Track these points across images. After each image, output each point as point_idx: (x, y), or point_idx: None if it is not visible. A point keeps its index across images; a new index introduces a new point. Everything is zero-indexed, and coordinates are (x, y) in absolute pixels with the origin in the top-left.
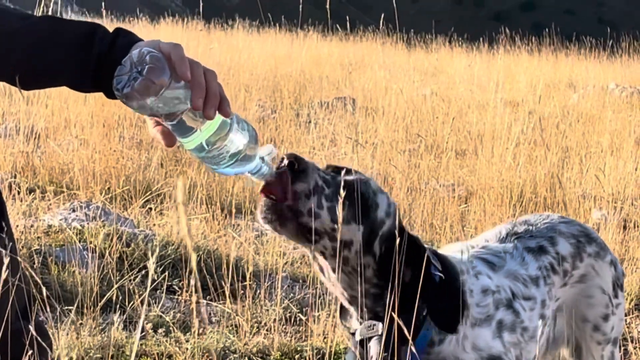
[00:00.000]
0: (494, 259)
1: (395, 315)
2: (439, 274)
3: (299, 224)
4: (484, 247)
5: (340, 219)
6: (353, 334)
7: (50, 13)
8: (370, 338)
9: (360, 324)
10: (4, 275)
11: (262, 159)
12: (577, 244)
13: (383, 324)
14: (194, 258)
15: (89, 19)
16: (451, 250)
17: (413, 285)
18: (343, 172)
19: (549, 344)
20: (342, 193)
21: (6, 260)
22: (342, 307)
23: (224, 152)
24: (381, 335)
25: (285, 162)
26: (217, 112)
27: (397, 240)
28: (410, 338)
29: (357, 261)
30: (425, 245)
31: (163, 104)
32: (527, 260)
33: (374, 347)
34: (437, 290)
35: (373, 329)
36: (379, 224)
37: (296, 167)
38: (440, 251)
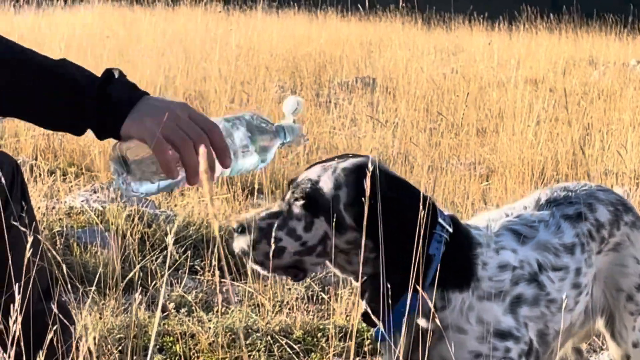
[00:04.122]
0: (525, 229)
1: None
2: (445, 235)
3: (278, 268)
4: (518, 216)
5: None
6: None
7: None
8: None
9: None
10: (28, 254)
11: (282, 134)
12: (615, 211)
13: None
14: (216, 227)
15: (112, 4)
16: (485, 218)
17: (399, 241)
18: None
19: (588, 313)
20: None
21: (30, 239)
22: None
23: (243, 170)
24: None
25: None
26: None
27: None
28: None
29: (342, 244)
30: (440, 209)
31: (165, 187)
32: (562, 228)
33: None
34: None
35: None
36: (334, 203)
37: (238, 230)
38: (472, 219)
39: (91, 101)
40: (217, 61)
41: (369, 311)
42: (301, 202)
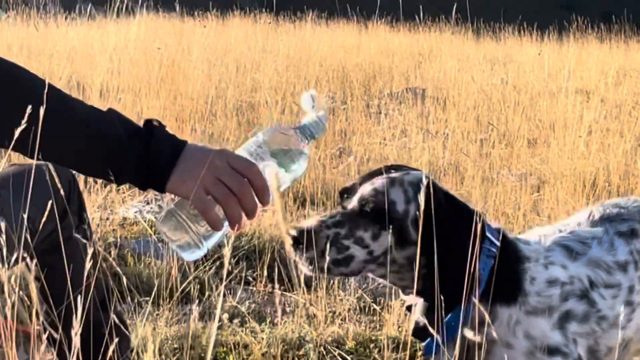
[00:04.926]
0: (577, 245)
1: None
2: (493, 249)
3: (340, 274)
4: (571, 232)
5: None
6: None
7: (125, 9)
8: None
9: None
10: (88, 266)
11: (307, 132)
12: None
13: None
14: (288, 242)
15: (162, 15)
16: (537, 234)
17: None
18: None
19: None
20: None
21: (90, 251)
22: None
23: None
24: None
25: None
26: None
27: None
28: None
29: (402, 259)
30: (489, 224)
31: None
32: (616, 245)
33: (417, 312)
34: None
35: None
36: (403, 216)
37: (298, 241)
38: (524, 235)
39: (132, 161)
40: (267, 72)
41: (421, 324)
42: (373, 213)
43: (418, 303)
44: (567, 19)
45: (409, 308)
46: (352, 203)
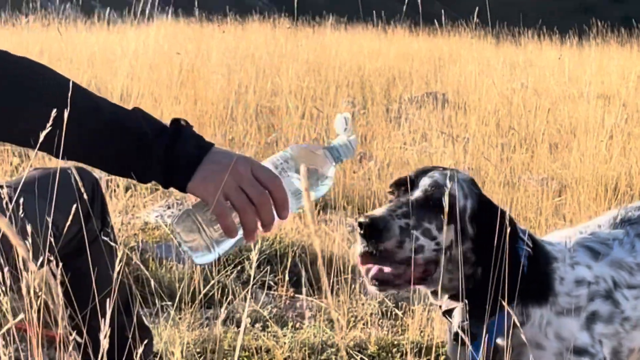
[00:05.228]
0: (600, 246)
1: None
2: (527, 249)
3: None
4: (592, 233)
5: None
6: (442, 307)
7: (143, 15)
8: (453, 308)
9: (436, 295)
10: (117, 269)
11: (336, 154)
12: None
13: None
14: (317, 244)
15: (181, 21)
16: (559, 236)
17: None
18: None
19: None
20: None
21: (120, 253)
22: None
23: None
24: (465, 305)
25: (359, 232)
26: None
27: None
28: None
29: (458, 255)
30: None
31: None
32: (637, 248)
33: (456, 317)
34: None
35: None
36: (462, 212)
37: (371, 230)
38: (546, 236)
39: (157, 159)
40: (287, 76)
41: (465, 328)
42: (437, 205)
43: (458, 307)
44: (587, 23)
45: (448, 313)
46: (415, 195)
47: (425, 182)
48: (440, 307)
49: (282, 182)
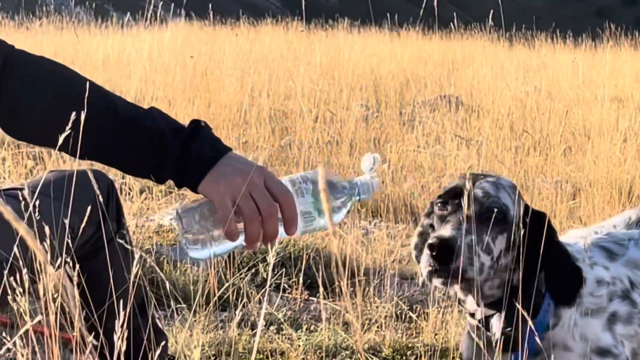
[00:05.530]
0: (615, 247)
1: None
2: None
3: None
4: (607, 233)
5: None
6: (472, 315)
7: (157, 18)
8: (491, 315)
9: (478, 305)
10: (134, 271)
11: (355, 191)
12: None
13: (503, 302)
14: (335, 245)
15: (195, 24)
16: (574, 236)
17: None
18: (465, 205)
19: None
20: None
21: (137, 255)
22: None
23: (306, 232)
24: (506, 311)
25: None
26: None
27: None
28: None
29: (505, 263)
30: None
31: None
32: None
33: (495, 324)
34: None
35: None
36: (511, 220)
37: (443, 254)
38: (561, 237)
39: (173, 157)
40: (300, 80)
41: (506, 335)
42: (492, 217)
43: (496, 315)
44: (600, 27)
45: (486, 323)
46: (471, 207)
47: (477, 194)
48: (471, 314)
49: (294, 198)
